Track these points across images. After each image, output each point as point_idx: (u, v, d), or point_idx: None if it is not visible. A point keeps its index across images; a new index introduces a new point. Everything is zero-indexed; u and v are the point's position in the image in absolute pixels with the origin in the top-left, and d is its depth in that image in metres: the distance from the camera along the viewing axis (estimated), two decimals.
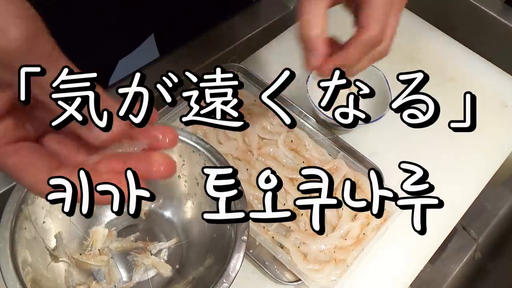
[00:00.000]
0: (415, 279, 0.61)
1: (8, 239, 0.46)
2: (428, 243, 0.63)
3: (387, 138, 0.69)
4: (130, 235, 0.58)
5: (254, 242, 0.58)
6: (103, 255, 0.55)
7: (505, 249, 0.80)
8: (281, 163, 0.64)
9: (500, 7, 0.84)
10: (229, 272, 0.47)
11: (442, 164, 0.68)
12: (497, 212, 0.79)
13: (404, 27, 0.84)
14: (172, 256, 0.57)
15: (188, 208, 0.58)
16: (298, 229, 0.59)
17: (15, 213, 0.48)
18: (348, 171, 0.63)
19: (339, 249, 0.58)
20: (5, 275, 0.45)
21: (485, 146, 0.71)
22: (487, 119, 0.73)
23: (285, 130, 0.66)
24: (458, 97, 0.34)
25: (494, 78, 0.79)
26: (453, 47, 0.82)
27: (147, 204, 0.59)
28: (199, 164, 0.55)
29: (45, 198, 0.30)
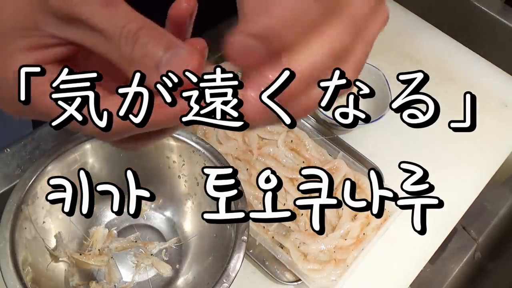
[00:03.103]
0: (415, 279, 0.61)
1: (8, 239, 0.46)
2: (428, 243, 0.63)
3: (387, 138, 0.69)
4: (130, 235, 0.58)
5: (254, 242, 0.58)
6: (103, 255, 0.55)
7: (505, 249, 0.80)
8: (281, 163, 0.64)
9: (500, 7, 0.84)
10: (229, 272, 0.47)
11: (442, 164, 0.68)
12: (497, 212, 0.79)
13: (404, 27, 0.84)
14: (172, 256, 0.57)
15: (188, 208, 0.58)
16: (298, 229, 0.59)
17: (15, 213, 0.48)
18: (348, 171, 0.63)
19: (339, 249, 0.58)
20: (5, 275, 0.45)
21: (485, 146, 0.71)
22: (487, 119, 0.73)
23: (285, 130, 0.66)
24: (458, 97, 0.34)
25: (494, 78, 0.79)
26: (453, 47, 0.82)
27: (147, 204, 0.59)
28: (199, 164, 0.55)
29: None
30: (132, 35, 0.27)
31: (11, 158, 0.61)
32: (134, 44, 0.27)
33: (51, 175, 0.51)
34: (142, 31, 0.27)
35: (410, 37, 0.81)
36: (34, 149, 0.62)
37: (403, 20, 0.84)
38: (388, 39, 0.80)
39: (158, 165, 0.57)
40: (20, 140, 0.62)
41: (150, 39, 0.27)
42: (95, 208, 0.33)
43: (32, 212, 0.50)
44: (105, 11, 0.27)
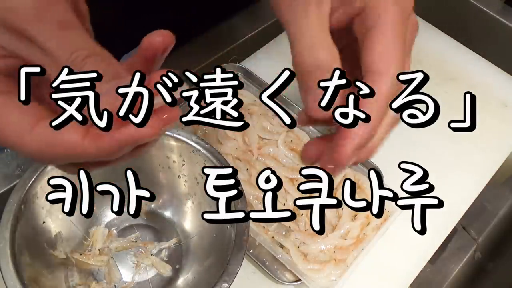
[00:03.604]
0: (415, 279, 0.61)
1: (8, 239, 0.46)
2: (428, 243, 0.63)
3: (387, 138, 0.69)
4: (130, 235, 0.58)
5: (254, 242, 0.58)
6: (103, 255, 0.55)
7: (505, 249, 0.80)
8: (281, 163, 0.64)
9: (500, 7, 0.84)
10: (229, 272, 0.47)
11: (442, 164, 0.68)
12: (497, 212, 0.79)
13: None
14: (172, 256, 0.57)
15: (188, 208, 0.58)
16: (298, 229, 0.58)
17: (15, 213, 0.48)
18: (348, 171, 0.63)
19: (339, 249, 0.58)
20: (5, 275, 0.45)
21: (485, 146, 0.71)
22: (487, 119, 0.73)
23: (285, 130, 0.66)
24: (458, 97, 0.34)
25: (494, 78, 0.79)
26: (453, 47, 0.82)
27: (147, 204, 0.59)
28: (199, 164, 0.55)
29: (45, 197, 0.30)
30: (79, 61, 0.28)
31: (11, 158, 0.61)
32: (80, 70, 0.27)
33: (51, 175, 0.50)
34: (90, 58, 0.28)
35: None
36: None
37: None
38: None
39: (158, 165, 0.57)
40: None
41: (97, 66, 0.28)
42: (95, 208, 0.33)
43: (32, 212, 0.50)
44: (59, 33, 0.28)
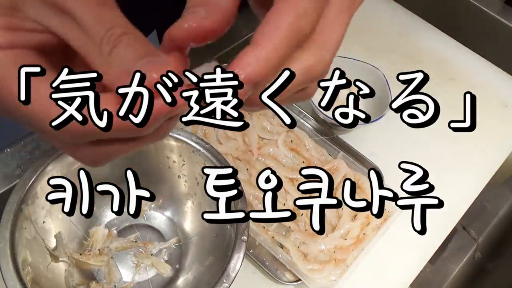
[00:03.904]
0: (415, 279, 0.61)
1: (8, 239, 0.46)
2: (428, 243, 0.63)
3: (387, 138, 0.69)
4: (130, 235, 0.58)
5: (254, 242, 0.58)
6: (103, 255, 0.55)
7: (505, 249, 0.80)
8: (281, 163, 0.64)
9: (500, 7, 0.84)
10: (229, 272, 0.47)
11: (442, 164, 0.68)
12: (497, 212, 0.79)
13: (404, 27, 0.84)
14: (172, 256, 0.57)
15: (188, 208, 0.58)
16: (298, 229, 0.59)
17: (15, 213, 0.48)
18: (348, 171, 0.63)
19: (339, 249, 0.58)
20: (5, 275, 0.45)
21: (485, 146, 0.71)
22: (487, 119, 0.73)
23: (285, 130, 0.66)
24: (458, 97, 0.34)
25: (494, 78, 0.79)
26: (453, 47, 0.82)
27: (147, 204, 0.59)
28: (199, 164, 0.55)
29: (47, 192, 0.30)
30: (114, 38, 0.27)
31: (11, 158, 0.61)
32: (114, 47, 0.27)
33: (51, 175, 0.50)
34: (125, 36, 0.28)
35: (410, 37, 0.81)
36: (34, 149, 0.62)
37: (403, 20, 0.84)
38: (388, 39, 0.80)
39: (158, 165, 0.57)
40: (20, 140, 0.62)
41: (131, 44, 0.28)
42: (95, 208, 0.33)
43: (32, 212, 0.50)
44: (97, 9, 0.28)
